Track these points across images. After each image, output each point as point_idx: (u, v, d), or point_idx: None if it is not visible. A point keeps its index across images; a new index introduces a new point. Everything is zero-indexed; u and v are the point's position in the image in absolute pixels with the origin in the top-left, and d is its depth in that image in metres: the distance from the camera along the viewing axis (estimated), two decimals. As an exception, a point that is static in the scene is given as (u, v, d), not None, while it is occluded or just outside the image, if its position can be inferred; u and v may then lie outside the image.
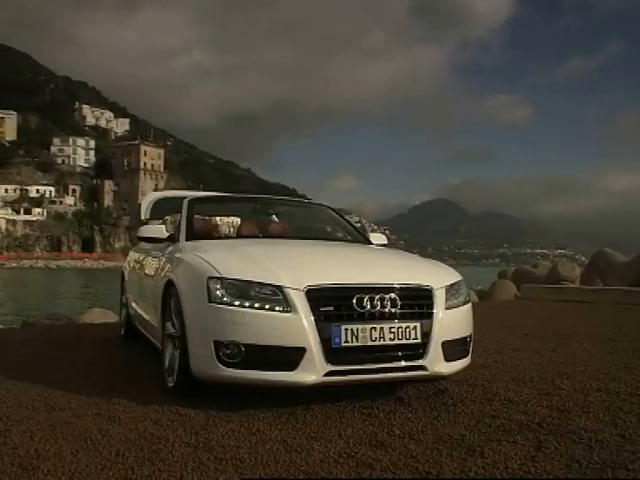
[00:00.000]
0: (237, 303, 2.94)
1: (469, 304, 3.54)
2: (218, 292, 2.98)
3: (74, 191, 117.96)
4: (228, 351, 2.92)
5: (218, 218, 4.79)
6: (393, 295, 3.04)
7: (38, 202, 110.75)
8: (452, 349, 3.25)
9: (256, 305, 2.93)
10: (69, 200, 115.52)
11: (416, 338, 3.06)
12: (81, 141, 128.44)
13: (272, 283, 2.96)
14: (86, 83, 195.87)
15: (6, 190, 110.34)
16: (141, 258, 4.94)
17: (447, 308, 3.26)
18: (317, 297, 2.92)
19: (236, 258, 3.28)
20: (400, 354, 3.03)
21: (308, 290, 2.92)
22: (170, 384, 3.34)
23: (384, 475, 2.17)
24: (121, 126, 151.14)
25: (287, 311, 2.90)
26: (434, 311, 3.16)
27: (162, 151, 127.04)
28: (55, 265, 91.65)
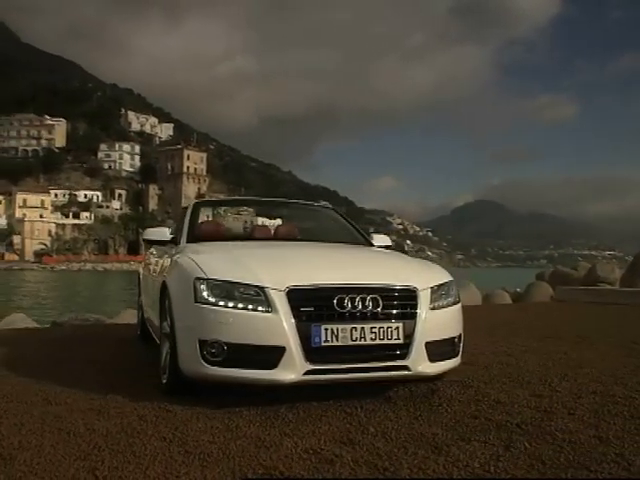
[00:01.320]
0: (221, 303, 3.03)
1: (458, 305, 3.55)
2: (204, 292, 3.07)
3: (120, 195, 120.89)
4: (212, 350, 3.01)
5: (231, 219, 4.89)
6: (375, 296, 3.08)
7: (86, 206, 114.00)
8: (437, 349, 3.27)
9: (239, 305, 3.01)
10: (115, 204, 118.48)
11: (398, 338, 3.09)
12: (127, 146, 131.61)
13: (254, 284, 3.04)
14: (132, 90, 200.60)
15: (56, 195, 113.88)
16: (151, 261, 5.11)
17: (433, 309, 3.28)
18: (297, 297, 2.99)
19: (224, 260, 3.38)
20: (382, 354, 3.07)
21: (289, 291, 2.99)
22: (164, 381, 3.46)
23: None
24: (165, 131, 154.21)
25: (268, 311, 2.97)
26: (418, 312, 3.18)
27: (205, 155, 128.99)
28: (102, 268, 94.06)
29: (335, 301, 3.00)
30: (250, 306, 3.00)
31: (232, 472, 2.20)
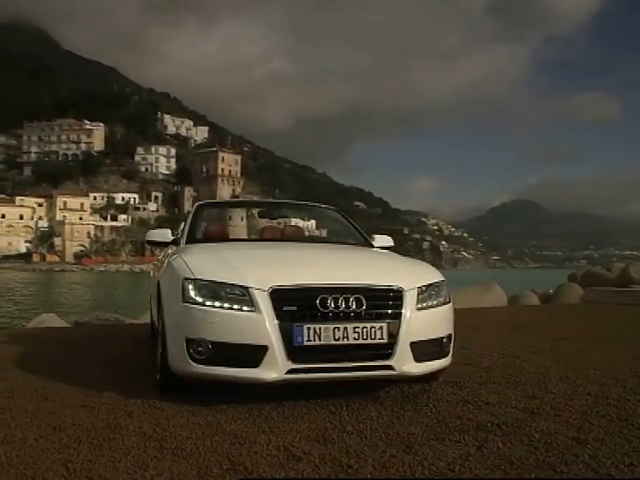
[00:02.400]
0: (208, 303, 3.10)
1: (448, 305, 3.55)
2: (191, 292, 3.15)
3: (156, 198, 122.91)
4: (199, 348, 3.08)
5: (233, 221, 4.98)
6: (359, 296, 3.10)
7: (123, 209, 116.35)
8: (424, 349, 3.27)
9: (224, 305, 3.07)
10: (152, 206, 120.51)
11: (382, 338, 3.10)
12: (163, 149, 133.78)
13: (239, 284, 3.10)
14: (168, 94, 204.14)
15: (94, 198, 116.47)
16: (156, 262, 5.22)
17: (420, 309, 3.29)
18: (280, 297, 3.03)
19: (213, 261, 3.45)
20: (365, 354, 3.09)
21: (272, 291, 3.04)
22: (158, 379, 3.54)
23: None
24: (200, 134, 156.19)
25: (251, 311, 3.03)
26: (403, 312, 3.19)
27: (239, 157, 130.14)
28: (139, 268, 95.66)
29: (318, 301, 3.03)
30: (235, 306, 3.06)
31: (198, 466, 2.26)
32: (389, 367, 3.14)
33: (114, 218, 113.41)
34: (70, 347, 5.50)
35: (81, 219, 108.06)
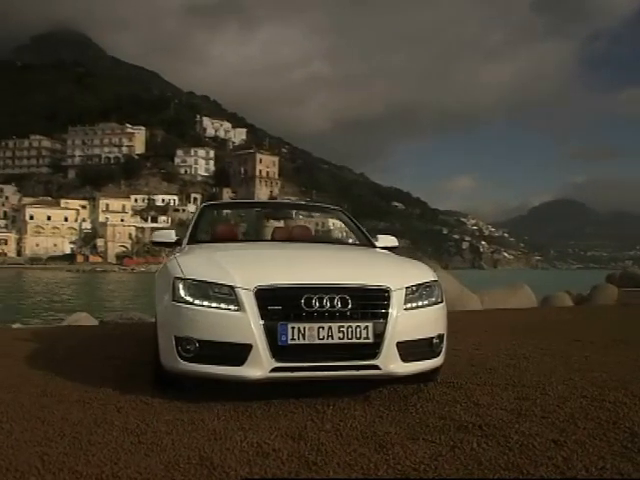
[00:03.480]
0: (196, 302, 3.17)
1: (440, 305, 3.52)
2: (181, 291, 3.22)
3: (195, 199, 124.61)
4: (187, 346, 3.14)
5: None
6: (344, 295, 3.11)
7: (164, 210, 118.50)
8: (412, 350, 3.26)
9: (211, 304, 3.14)
10: (191, 208, 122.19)
11: (367, 338, 3.11)
12: (202, 152, 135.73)
13: (226, 283, 3.15)
14: (208, 97, 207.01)
15: (136, 200, 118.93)
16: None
17: (408, 309, 3.28)
18: (265, 296, 3.07)
19: (204, 261, 3.52)
20: (351, 353, 3.11)
21: (257, 290, 3.08)
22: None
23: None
24: (238, 136, 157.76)
25: (237, 310, 3.08)
26: (389, 311, 3.19)
27: (277, 158, 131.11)
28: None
29: (303, 301, 3.06)
30: (222, 305, 3.11)
31: (168, 461, 2.32)
32: (375, 367, 3.15)
33: (154, 220, 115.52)
34: (86, 345, 5.65)
35: (122, 221, 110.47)
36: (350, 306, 3.11)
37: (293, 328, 3.03)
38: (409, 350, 3.25)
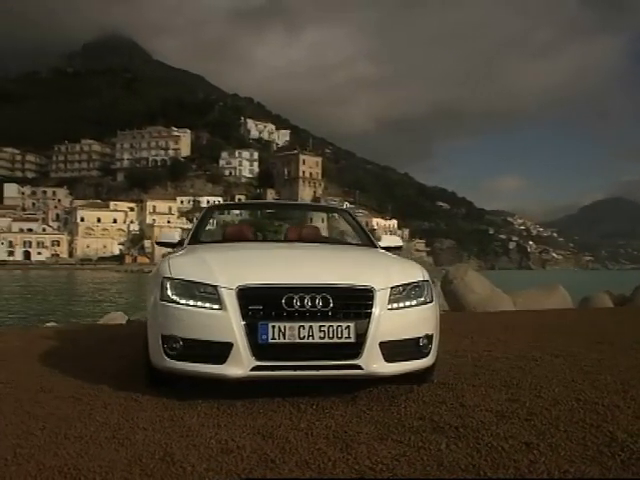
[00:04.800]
0: (182, 301, 3.23)
1: (429, 305, 3.48)
2: (169, 291, 3.29)
3: (240, 200, 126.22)
4: (173, 344, 3.21)
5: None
6: (326, 295, 3.12)
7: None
8: (396, 350, 3.24)
9: (195, 303, 3.19)
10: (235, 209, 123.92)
11: (349, 337, 3.11)
12: (246, 153, 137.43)
13: (210, 283, 3.21)
14: (252, 99, 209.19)
15: (181, 201, 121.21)
16: None
17: (393, 309, 3.27)
18: (247, 296, 3.11)
19: (194, 261, 3.58)
20: (332, 353, 3.11)
21: (239, 289, 3.12)
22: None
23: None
24: (282, 137, 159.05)
25: (219, 309, 3.12)
26: (373, 311, 3.18)
27: (320, 159, 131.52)
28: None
29: (284, 300, 3.09)
30: (206, 304, 3.17)
31: (132, 455, 2.39)
32: (357, 366, 3.14)
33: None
34: (103, 344, 5.79)
35: (169, 222, 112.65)
36: (332, 306, 3.12)
37: (274, 327, 3.06)
38: (393, 350, 3.23)
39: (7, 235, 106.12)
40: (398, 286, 3.37)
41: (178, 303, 3.23)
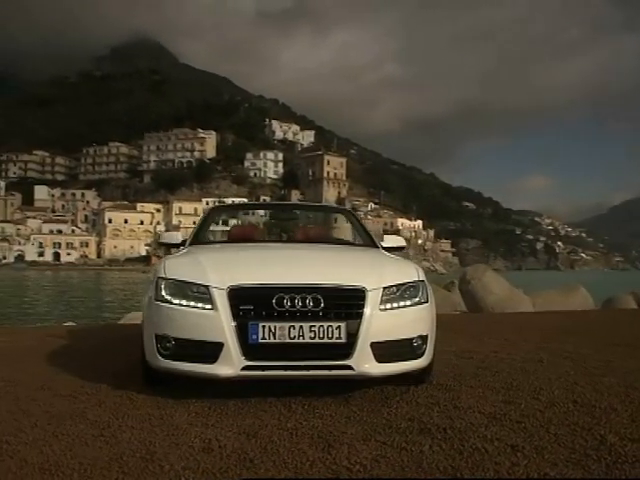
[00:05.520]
0: (175, 301, 3.26)
1: (423, 305, 3.44)
2: (163, 291, 3.32)
3: (265, 201, 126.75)
4: (166, 344, 3.24)
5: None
6: (316, 295, 3.12)
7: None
8: (388, 350, 3.23)
9: (188, 303, 3.22)
10: (261, 211, 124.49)
11: (340, 338, 3.11)
12: (270, 154, 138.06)
13: (201, 283, 3.23)
14: (277, 100, 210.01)
15: (207, 203, 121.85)
16: None
17: (385, 309, 3.25)
18: (237, 296, 3.12)
19: (189, 261, 3.62)
20: (323, 353, 3.11)
21: (230, 289, 3.14)
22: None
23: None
24: (306, 138, 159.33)
25: (210, 309, 3.14)
26: (364, 311, 3.17)
27: (344, 160, 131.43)
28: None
29: (274, 300, 3.09)
30: (198, 304, 3.19)
31: (114, 452, 2.42)
32: (348, 367, 3.14)
33: (225, 222, 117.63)
34: (114, 343, 5.88)
35: (194, 223, 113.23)
36: (322, 306, 3.11)
37: (264, 327, 3.07)
38: (385, 351, 3.22)
39: (37, 236, 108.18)
40: (392, 286, 3.35)
41: (171, 303, 3.26)
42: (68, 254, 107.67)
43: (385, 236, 4.70)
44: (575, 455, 2.43)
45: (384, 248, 4.51)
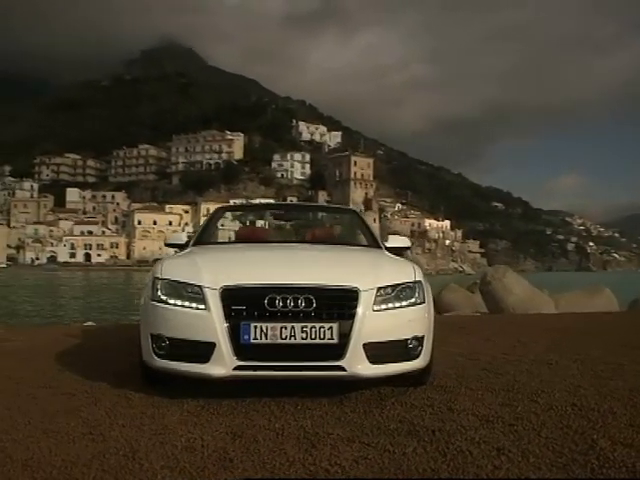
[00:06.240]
0: (170, 301, 3.29)
1: (419, 306, 3.41)
2: (159, 291, 3.35)
3: (291, 202, 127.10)
4: (161, 343, 3.27)
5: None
6: (308, 296, 3.11)
7: (260, 215, 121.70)
8: (381, 351, 3.20)
9: (182, 303, 3.24)
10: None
11: (332, 338, 3.10)
12: (297, 156, 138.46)
13: (195, 283, 3.25)
14: (304, 101, 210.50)
15: (234, 204, 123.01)
16: None
17: (379, 310, 3.23)
18: (230, 296, 3.14)
19: (185, 262, 3.65)
20: (315, 353, 3.10)
21: (222, 290, 3.15)
22: None
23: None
24: (333, 139, 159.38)
25: (203, 309, 3.16)
26: (357, 312, 3.16)
27: (371, 160, 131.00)
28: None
29: (266, 300, 3.10)
30: (192, 304, 3.21)
31: (98, 450, 2.45)
32: (340, 368, 3.12)
33: (252, 223, 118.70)
34: (125, 343, 5.93)
35: (222, 225, 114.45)
36: (314, 306, 3.11)
37: (256, 327, 3.08)
38: (378, 352, 3.19)
39: (69, 238, 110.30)
40: (386, 287, 3.32)
41: (166, 303, 3.29)
42: (98, 255, 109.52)
43: (389, 236, 4.67)
44: (561, 459, 2.38)
45: (388, 248, 4.48)
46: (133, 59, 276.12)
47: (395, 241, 4.59)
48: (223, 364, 3.10)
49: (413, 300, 3.41)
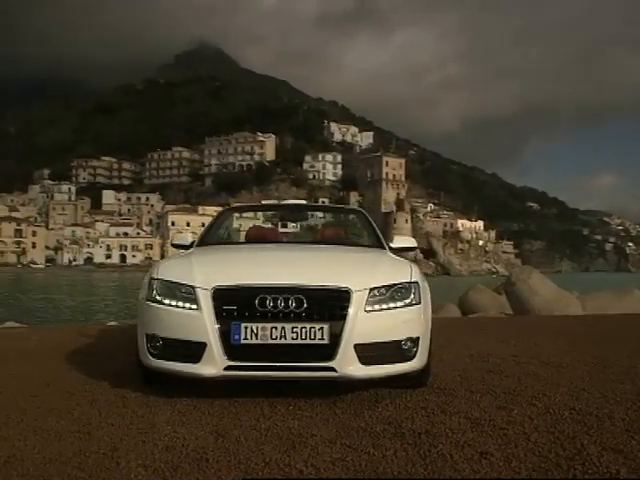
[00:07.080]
0: (165, 301, 3.32)
1: (414, 307, 3.36)
2: (154, 291, 3.39)
3: (323, 203, 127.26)
4: (155, 343, 3.30)
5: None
6: (299, 296, 3.11)
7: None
8: (373, 352, 3.17)
9: (176, 303, 3.27)
10: (319, 213, 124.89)
11: (323, 339, 3.08)
12: (329, 156, 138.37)
13: (187, 283, 3.27)
14: (336, 102, 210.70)
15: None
16: None
17: (371, 310, 3.20)
18: (221, 296, 3.15)
19: (182, 262, 3.67)
20: (305, 354, 3.09)
21: (214, 290, 3.17)
22: None
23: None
24: (365, 139, 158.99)
25: (195, 309, 3.18)
26: (349, 312, 3.13)
27: (403, 161, 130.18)
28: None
29: (257, 301, 3.10)
30: (185, 304, 3.24)
31: (82, 447, 2.49)
32: (331, 368, 3.11)
33: (284, 225, 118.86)
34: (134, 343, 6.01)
35: (254, 225, 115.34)
36: (305, 307, 3.10)
37: (246, 328, 3.08)
38: (370, 353, 3.16)
39: (105, 239, 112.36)
40: (380, 287, 3.29)
41: (161, 303, 3.32)
42: (133, 256, 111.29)
43: (395, 237, 4.62)
44: (544, 464, 2.33)
45: (393, 249, 4.44)
46: (167, 63, 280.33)
47: (401, 242, 4.55)
48: (214, 364, 3.11)
49: (408, 301, 3.37)
